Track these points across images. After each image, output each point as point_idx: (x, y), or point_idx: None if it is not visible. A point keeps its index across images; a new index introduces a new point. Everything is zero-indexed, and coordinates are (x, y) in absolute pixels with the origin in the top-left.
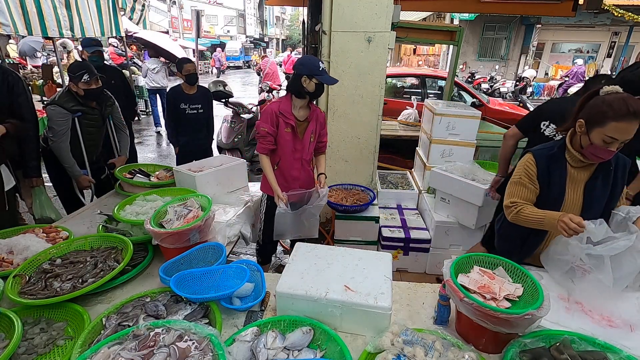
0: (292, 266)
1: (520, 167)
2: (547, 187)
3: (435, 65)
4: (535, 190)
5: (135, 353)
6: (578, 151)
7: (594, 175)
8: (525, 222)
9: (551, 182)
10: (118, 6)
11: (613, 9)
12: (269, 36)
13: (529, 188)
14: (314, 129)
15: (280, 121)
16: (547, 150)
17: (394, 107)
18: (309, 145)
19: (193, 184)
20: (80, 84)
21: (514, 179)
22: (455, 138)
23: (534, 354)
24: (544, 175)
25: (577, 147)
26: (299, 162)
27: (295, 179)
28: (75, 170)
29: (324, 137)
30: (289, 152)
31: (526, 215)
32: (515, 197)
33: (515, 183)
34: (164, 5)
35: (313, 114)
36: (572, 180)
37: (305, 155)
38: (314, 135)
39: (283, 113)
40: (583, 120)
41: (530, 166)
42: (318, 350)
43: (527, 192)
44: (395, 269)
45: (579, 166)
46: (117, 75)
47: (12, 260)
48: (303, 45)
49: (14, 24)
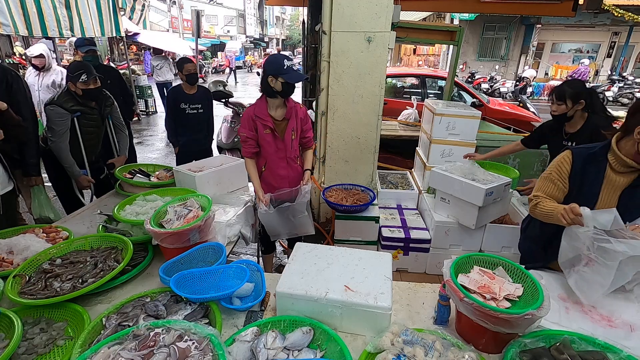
0: (292, 266)
1: (555, 162)
2: (580, 187)
3: (435, 65)
4: (564, 189)
5: (135, 353)
6: (629, 157)
7: (634, 182)
8: (540, 216)
9: (584, 182)
10: (118, 6)
11: (613, 9)
12: (269, 36)
13: (556, 185)
14: (294, 127)
15: (258, 124)
16: (588, 149)
17: (394, 107)
18: (291, 143)
19: (193, 184)
20: (78, 84)
21: (545, 173)
22: (455, 138)
23: (534, 354)
24: (578, 174)
25: (628, 153)
26: (284, 161)
27: (283, 178)
28: (75, 170)
29: (308, 132)
30: (272, 152)
31: (541, 207)
32: (540, 191)
33: (544, 178)
34: (164, 5)
35: (291, 112)
36: (610, 184)
37: (289, 154)
38: (295, 132)
39: (258, 116)
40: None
41: (565, 164)
42: (318, 350)
43: (553, 189)
44: (395, 269)
45: (621, 171)
46: (113, 75)
47: (12, 260)
48: (303, 45)
49: (14, 24)
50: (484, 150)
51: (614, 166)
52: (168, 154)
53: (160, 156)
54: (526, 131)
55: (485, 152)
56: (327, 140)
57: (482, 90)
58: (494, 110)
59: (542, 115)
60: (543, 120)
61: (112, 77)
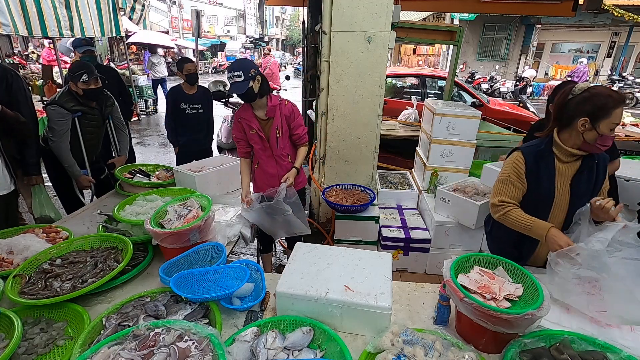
0: (292, 266)
1: (509, 165)
2: (537, 183)
3: (435, 65)
4: (523, 189)
5: (135, 353)
6: (575, 147)
7: (579, 169)
8: (511, 225)
9: (540, 177)
10: (118, 6)
11: (613, 9)
12: (269, 36)
13: (517, 186)
14: (279, 125)
15: (244, 125)
16: (535, 147)
17: (394, 107)
18: (276, 142)
19: (193, 184)
20: (79, 84)
21: (502, 176)
22: (455, 138)
23: (534, 354)
24: (533, 171)
25: (571, 144)
26: (272, 160)
27: (274, 176)
28: (75, 170)
29: (297, 129)
30: (261, 151)
31: (514, 218)
32: (504, 195)
33: (504, 181)
34: (164, 5)
35: (274, 110)
36: (561, 175)
37: (276, 152)
38: (279, 130)
39: (244, 117)
40: (586, 118)
41: (519, 164)
42: (318, 350)
43: (515, 191)
44: (395, 269)
45: (567, 161)
46: (111, 75)
47: (12, 260)
48: (303, 45)
49: (14, 24)
50: (484, 150)
51: (560, 158)
52: (168, 154)
53: (160, 156)
54: (526, 131)
55: (485, 152)
56: (327, 140)
57: (482, 90)
58: (494, 110)
59: (542, 115)
60: None
61: (110, 78)
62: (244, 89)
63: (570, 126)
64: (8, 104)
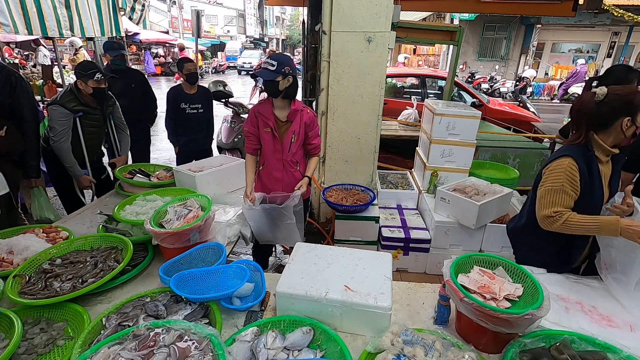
0: (292, 266)
1: (561, 173)
2: (591, 188)
3: (435, 65)
4: (575, 197)
5: (135, 353)
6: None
7: (613, 171)
8: (575, 231)
9: (593, 182)
10: (118, 6)
11: (613, 9)
12: (269, 36)
13: (570, 195)
14: (297, 130)
15: (260, 121)
16: (583, 151)
17: (394, 107)
18: (290, 146)
19: (193, 184)
20: (90, 82)
21: (554, 186)
22: (455, 138)
23: (534, 354)
24: (586, 177)
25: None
26: (280, 163)
27: (278, 181)
28: (77, 170)
29: (314, 140)
30: (270, 152)
31: (578, 223)
32: (557, 205)
33: (557, 191)
34: (164, 5)
35: (295, 115)
36: (604, 177)
37: (286, 157)
38: (295, 136)
39: (262, 113)
40: (629, 117)
41: (573, 171)
42: (318, 350)
43: (568, 200)
44: (395, 269)
45: (605, 162)
46: (137, 78)
47: (12, 260)
48: (303, 45)
49: (14, 24)
50: (484, 150)
51: (600, 159)
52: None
53: (160, 156)
54: (526, 131)
55: (485, 152)
56: (327, 140)
57: (482, 90)
58: (494, 110)
59: (542, 116)
60: (543, 121)
61: (136, 81)
62: (269, 77)
63: (610, 128)
64: (11, 105)
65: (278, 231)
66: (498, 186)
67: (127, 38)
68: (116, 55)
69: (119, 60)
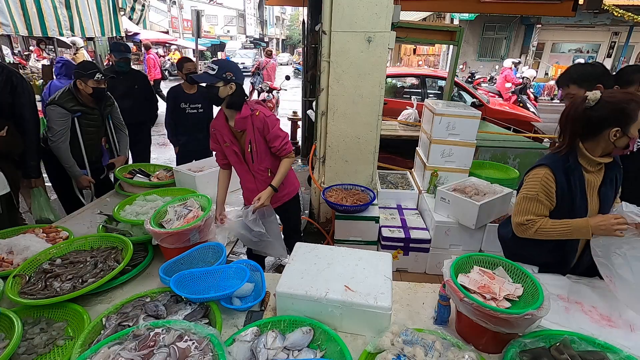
0: (292, 266)
1: (536, 183)
2: (570, 199)
3: (435, 65)
4: (550, 206)
5: (135, 353)
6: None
7: (604, 179)
8: (549, 236)
9: (573, 193)
10: (118, 6)
11: (613, 9)
12: (269, 36)
13: (544, 204)
14: (252, 138)
15: (217, 137)
16: (562, 162)
17: (394, 107)
18: (251, 156)
19: (193, 184)
20: (90, 82)
21: (529, 194)
22: (455, 138)
23: (534, 354)
24: (564, 188)
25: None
26: (249, 175)
27: (253, 191)
28: (75, 170)
29: (274, 142)
30: (237, 166)
31: (549, 229)
32: (530, 214)
33: (530, 199)
34: (164, 5)
35: (245, 123)
36: (589, 186)
37: (253, 167)
38: (253, 144)
39: (217, 129)
40: (617, 127)
41: (549, 182)
42: (318, 350)
43: (542, 208)
44: (395, 269)
45: (593, 170)
46: (140, 80)
47: (12, 260)
48: (303, 45)
49: (14, 24)
50: (484, 150)
51: (587, 168)
52: (167, 153)
53: (160, 156)
54: (526, 131)
55: (485, 152)
56: (327, 140)
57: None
58: (494, 110)
59: (542, 116)
60: (543, 121)
61: (139, 82)
62: (208, 82)
63: (598, 137)
64: (12, 106)
65: (259, 243)
66: (498, 186)
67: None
68: (121, 57)
69: (122, 62)
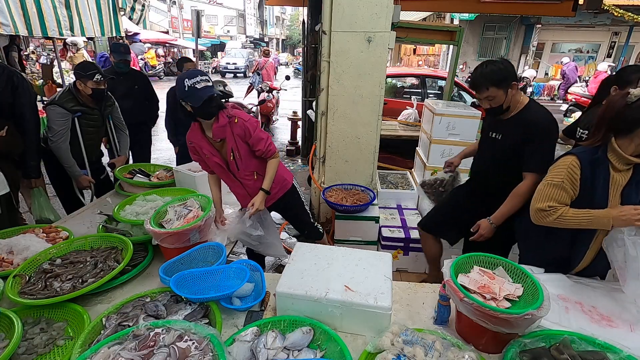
0: (292, 266)
1: (562, 170)
2: (591, 191)
3: (435, 65)
4: (573, 195)
5: (135, 353)
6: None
7: (630, 180)
8: (569, 225)
9: (595, 186)
10: (118, 6)
11: (613, 9)
12: (269, 36)
13: (568, 192)
14: (233, 146)
15: (197, 149)
16: (590, 153)
17: (394, 107)
18: (235, 164)
19: (193, 184)
20: (90, 83)
21: (553, 180)
22: (455, 138)
23: (534, 354)
24: (588, 178)
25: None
26: (236, 182)
27: (244, 197)
28: (75, 170)
29: (257, 146)
30: (222, 175)
31: (571, 217)
32: (552, 200)
33: (555, 186)
34: (164, 5)
35: (224, 131)
36: (614, 184)
37: (238, 174)
38: (235, 152)
39: (194, 142)
40: None
41: (574, 169)
42: (318, 350)
43: (565, 197)
44: (395, 269)
45: (621, 169)
46: (140, 80)
47: (12, 260)
48: (303, 45)
49: (14, 24)
50: None
51: (615, 166)
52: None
53: (160, 156)
54: None
55: None
56: (327, 140)
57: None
58: None
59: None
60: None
61: (139, 82)
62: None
63: (632, 134)
64: (12, 105)
65: (258, 245)
66: None
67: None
68: (120, 59)
69: (122, 64)
